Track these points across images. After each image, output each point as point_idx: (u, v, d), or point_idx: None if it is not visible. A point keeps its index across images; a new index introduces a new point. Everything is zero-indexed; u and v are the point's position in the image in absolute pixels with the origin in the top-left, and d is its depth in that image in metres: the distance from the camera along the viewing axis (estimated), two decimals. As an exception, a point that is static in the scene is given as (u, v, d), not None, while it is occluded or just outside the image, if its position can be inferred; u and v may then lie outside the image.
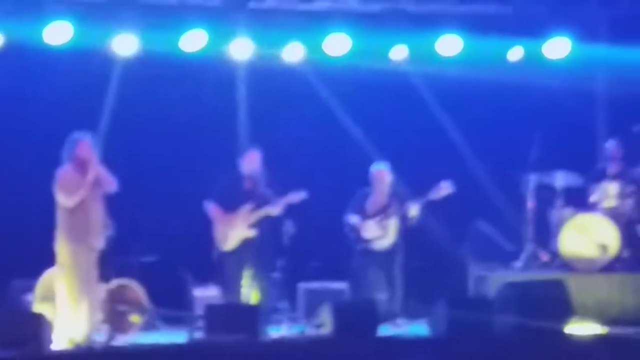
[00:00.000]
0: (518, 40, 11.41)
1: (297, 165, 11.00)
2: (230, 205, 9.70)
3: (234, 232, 9.65)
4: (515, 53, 11.43)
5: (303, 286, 10.63)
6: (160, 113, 10.89)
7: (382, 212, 10.08)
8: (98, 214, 8.68)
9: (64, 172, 8.66)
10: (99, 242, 8.64)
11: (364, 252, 10.07)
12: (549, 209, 10.70)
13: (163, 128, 10.95)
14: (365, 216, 10.11)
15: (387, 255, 10.04)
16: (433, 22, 11.23)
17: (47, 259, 8.87)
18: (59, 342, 8.34)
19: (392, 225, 10.04)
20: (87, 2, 10.45)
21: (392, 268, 10.03)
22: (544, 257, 10.57)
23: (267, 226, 9.71)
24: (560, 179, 10.62)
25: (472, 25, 11.21)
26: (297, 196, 9.64)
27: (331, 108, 11.34)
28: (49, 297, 8.99)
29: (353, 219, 10.13)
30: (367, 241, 10.05)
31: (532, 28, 11.38)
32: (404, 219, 10.04)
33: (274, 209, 9.61)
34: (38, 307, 9.12)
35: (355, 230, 10.10)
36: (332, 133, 11.35)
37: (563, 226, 10.36)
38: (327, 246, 10.75)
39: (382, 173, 10.19)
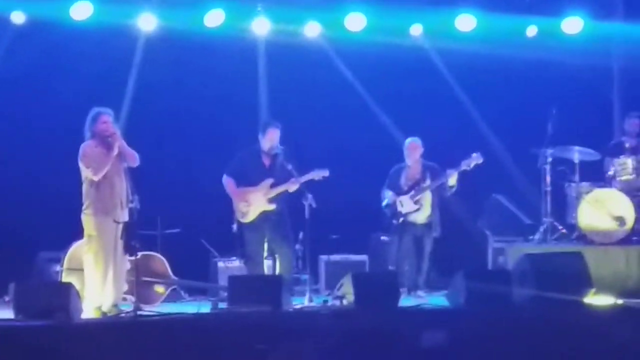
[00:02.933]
0: (534, 17, 11.48)
1: (316, 140, 11.10)
2: (249, 180, 9.75)
3: (253, 205, 9.70)
4: (532, 30, 11.52)
5: (324, 258, 10.76)
6: (181, 89, 10.99)
7: (416, 186, 10.16)
8: (122, 187, 8.70)
9: (88, 147, 8.69)
10: (124, 215, 8.67)
11: (401, 226, 10.12)
12: (566, 183, 10.75)
13: (185, 103, 11.04)
14: (400, 191, 10.19)
15: (423, 228, 10.12)
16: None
17: (73, 232, 8.96)
18: (86, 312, 8.45)
19: (427, 199, 10.12)
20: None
21: (425, 241, 10.11)
22: (562, 230, 10.65)
23: (287, 200, 9.75)
24: (577, 154, 10.67)
25: (488, 2, 11.28)
26: (320, 173, 9.66)
27: (350, 83, 11.43)
28: (76, 269, 9.10)
29: (388, 194, 10.22)
30: (403, 215, 10.12)
31: (547, 5, 11.44)
32: (441, 189, 10.11)
33: (293, 185, 9.62)
34: (65, 279, 9.22)
35: (391, 205, 10.20)
36: (351, 108, 11.43)
37: (580, 200, 10.42)
38: (346, 220, 10.88)
39: (415, 144, 10.23)
